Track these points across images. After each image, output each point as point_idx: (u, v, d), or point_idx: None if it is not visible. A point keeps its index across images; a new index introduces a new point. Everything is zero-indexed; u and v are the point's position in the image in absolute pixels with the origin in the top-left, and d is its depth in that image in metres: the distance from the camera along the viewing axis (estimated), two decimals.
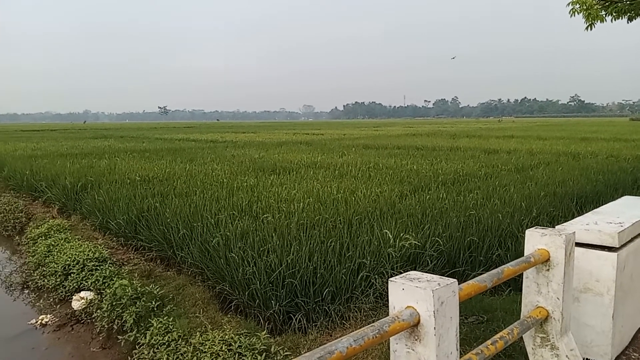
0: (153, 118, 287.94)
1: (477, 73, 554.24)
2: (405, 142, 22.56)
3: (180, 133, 39.63)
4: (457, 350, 2.15)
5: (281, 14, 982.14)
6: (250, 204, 7.29)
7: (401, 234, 5.38)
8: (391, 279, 2.13)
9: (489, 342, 2.59)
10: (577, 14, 8.82)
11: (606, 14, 8.85)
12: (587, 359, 3.45)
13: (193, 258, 5.77)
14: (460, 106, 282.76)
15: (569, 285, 3.03)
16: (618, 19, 8.91)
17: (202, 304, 5.08)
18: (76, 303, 5.98)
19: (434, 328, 1.99)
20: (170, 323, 4.61)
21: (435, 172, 10.63)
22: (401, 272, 2.62)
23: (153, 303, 5.04)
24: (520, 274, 2.95)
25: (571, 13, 8.83)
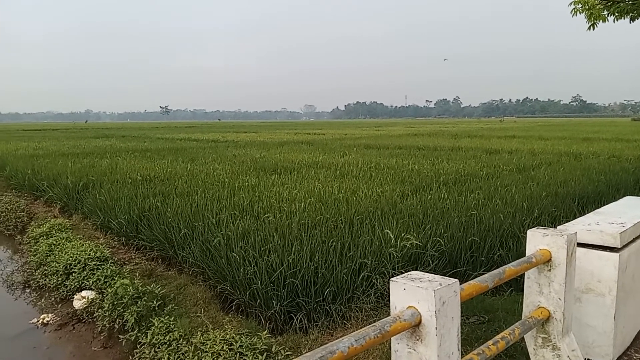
0: (154, 118, 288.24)
1: (479, 73, 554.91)
2: (406, 142, 22.54)
3: (181, 133, 39.66)
4: (459, 350, 2.15)
5: (282, 14, 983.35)
6: (251, 204, 7.29)
7: (402, 234, 5.38)
8: (392, 279, 2.12)
9: (491, 343, 2.59)
10: (579, 14, 8.82)
11: (608, 14, 8.85)
12: None
13: (194, 258, 5.78)
14: (461, 106, 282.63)
15: (571, 285, 3.02)
16: (620, 19, 8.90)
17: (203, 304, 5.09)
18: (77, 302, 5.99)
19: (436, 328, 1.99)
20: (171, 322, 4.61)
21: (436, 172, 10.62)
22: (402, 272, 2.62)
23: (154, 302, 5.04)
24: (521, 274, 2.95)
25: (573, 13, 8.82)
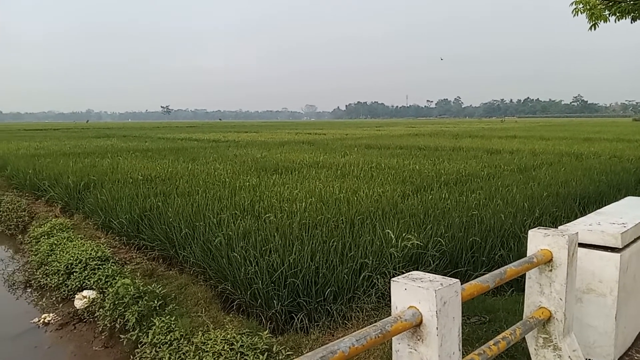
0: (156, 117, 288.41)
1: (479, 73, 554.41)
2: (407, 142, 22.53)
3: (182, 132, 39.68)
4: (460, 350, 2.15)
5: (282, 14, 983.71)
6: (252, 204, 7.30)
7: (403, 234, 5.37)
8: (394, 279, 2.12)
9: (492, 343, 2.59)
10: (581, 14, 8.81)
11: (609, 14, 8.83)
12: None
13: (195, 257, 5.78)
14: (462, 106, 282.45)
15: (572, 285, 3.02)
16: (622, 19, 8.89)
17: (204, 304, 5.09)
18: (79, 302, 5.99)
19: (437, 328, 1.99)
20: (172, 322, 4.62)
21: (437, 172, 10.61)
22: (403, 272, 2.62)
23: (155, 302, 5.04)
24: (522, 275, 2.94)
25: (574, 13, 8.81)
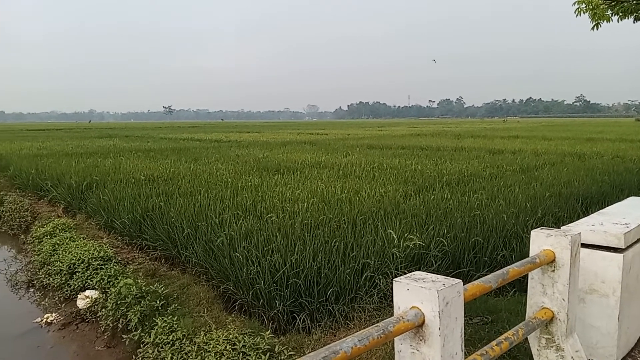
0: (158, 118, 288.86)
1: (482, 73, 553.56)
2: (409, 142, 22.52)
3: (184, 133, 39.74)
4: (462, 350, 2.14)
5: (282, 14, 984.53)
6: (254, 204, 7.30)
7: (405, 234, 5.37)
8: (396, 279, 2.12)
9: (494, 343, 2.58)
10: (583, 14, 8.79)
11: (612, 14, 8.81)
12: None
13: (197, 257, 5.79)
14: (464, 106, 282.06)
15: (575, 286, 3.02)
16: (624, 19, 8.86)
17: (207, 304, 5.10)
18: (81, 302, 6.00)
19: (439, 328, 1.98)
20: (174, 322, 4.62)
21: (439, 173, 10.60)
22: (405, 273, 2.62)
23: (157, 302, 5.05)
24: (525, 275, 2.94)
25: (577, 13, 8.79)
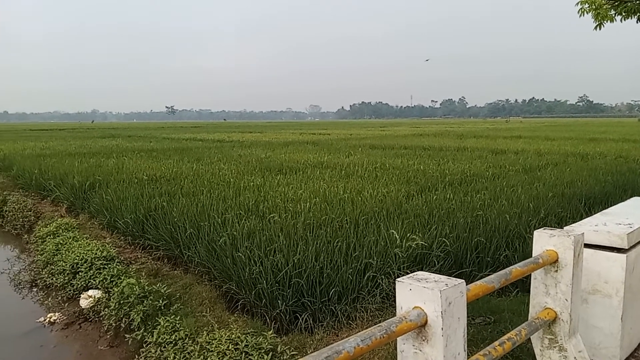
0: (160, 118, 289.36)
1: (483, 73, 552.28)
2: (412, 142, 22.51)
3: (187, 133, 39.80)
4: (465, 351, 2.14)
5: (282, 14, 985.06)
6: (256, 204, 7.31)
7: (408, 235, 5.37)
8: (399, 279, 2.12)
9: (497, 344, 2.58)
10: (586, 14, 8.76)
11: (615, 14, 8.78)
12: None
13: (200, 257, 5.79)
14: (467, 106, 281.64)
15: (578, 286, 3.01)
16: (627, 19, 8.84)
17: (209, 303, 5.10)
18: (84, 301, 6.02)
19: (442, 329, 1.98)
20: (177, 322, 4.63)
21: (442, 173, 10.60)
22: (408, 273, 2.62)
23: (160, 302, 5.06)
24: (528, 275, 2.93)
25: (580, 13, 8.77)
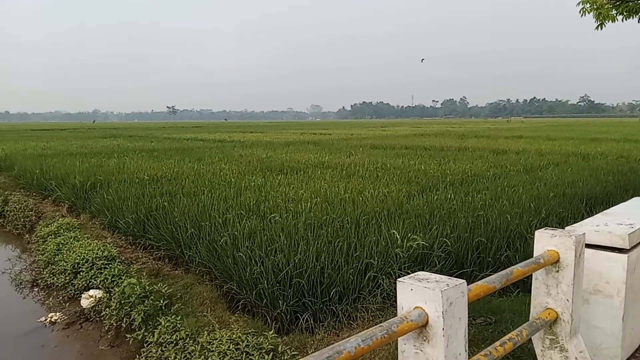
0: (161, 118, 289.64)
1: (483, 73, 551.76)
2: (413, 142, 22.50)
3: (188, 133, 39.82)
4: (466, 351, 2.14)
5: (283, 14, 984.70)
6: (257, 204, 7.31)
7: (409, 235, 5.37)
8: (400, 280, 2.12)
9: (498, 344, 2.58)
10: (588, 14, 8.75)
11: (617, 14, 8.78)
12: None
13: (201, 257, 5.80)
14: (468, 106, 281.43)
15: (579, 286, 3.00)
16: (629, 19, 8.83)
17: (210, 303, 5.10)
18: (85, 301, 6.03)
19: (443, 329, 1.98)
20: (178, 322, 4.63)
21: (443, 173, 10.59)
22: (409, 273, 2.62)
23: (161, 302, 5.06)
24: (529, 275, 2.93)
25: (582, 13, 8.76)
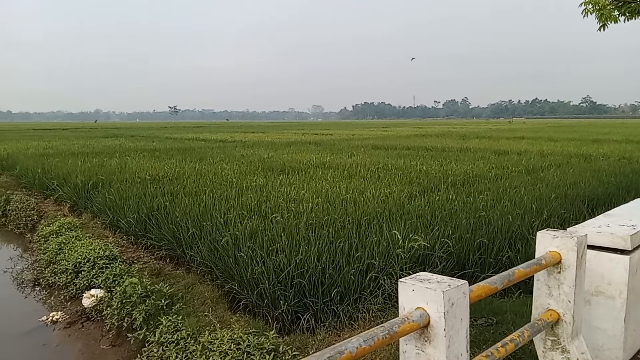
0: (163, 117, 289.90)
1: (486, 73, 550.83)
2: (414, 143, 22.49)
3: (190, 132, 39.86)
4: (467, 352, 2.14)
5: (284, 14, 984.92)
6: (259, 204, 7.31)
7: (410, 235, 5.36)
8: (401, 280, 2.12)
9: (499, 345, 2.57)
10: (590, 15, 8.74)
11: (619, 14, 8.76)
12: None
13: (202, 257, 5.80)
14: (470, 107, 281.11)
15: (581, 288, 3.00)
16: (631, 19, 8.81)
17: (211, 303, 5.11)
18: (86, 300, 6.03)
19: (444, 329, 1.98)
20: (179, 321, 4.64)
21: (444, 173, 10.59)
22: (410, 274, 2.62)
23: (162, 301, 5.07)
24: (530, 277, 2.93)
25: (584, 14, 8.74)
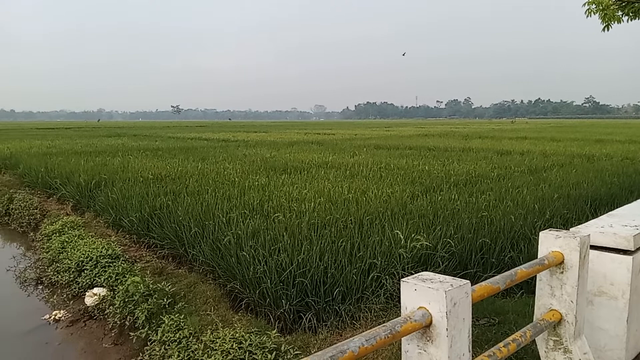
0: (166, 117, 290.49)
1: (488, 73, 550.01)
2: (417, 143, 22.47)
3: (192, 132, 39.90)
4: (469, 352, 2.13)
5: (284, 14, 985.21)
6: (261, 203, 7.32)
7: (412, 235, 5.36)
8: (403, 280, 2.12)
9: (502, 345, 2.57)
10: (593, 15, 8.71)
11: (623, 15, 8.73)
12: None
13: (204, 256, 5.81)
14: (472, 107, 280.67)
15: (583, 288, 2.99)
16: (635, 19, 8.78)
17: (213, 302, 5.11)
18: (89, 299, 6.05)
19: (446, 329, 1.98)
20: (181, 320, 4.65)
21: (447, 173, 10.58)
22: (412, 273, 2.62)
23: (165, 300, 5.08)
24: (533, 277, 2.92)
25: (587, 14, 8.72)
